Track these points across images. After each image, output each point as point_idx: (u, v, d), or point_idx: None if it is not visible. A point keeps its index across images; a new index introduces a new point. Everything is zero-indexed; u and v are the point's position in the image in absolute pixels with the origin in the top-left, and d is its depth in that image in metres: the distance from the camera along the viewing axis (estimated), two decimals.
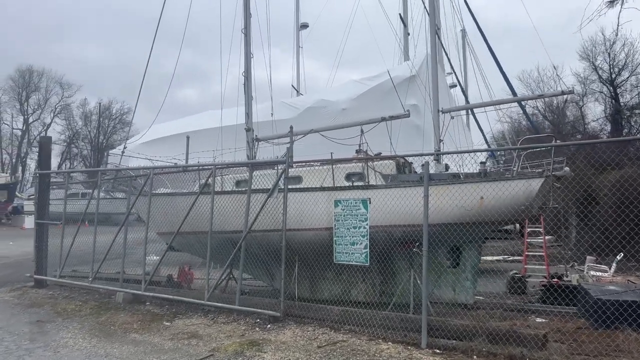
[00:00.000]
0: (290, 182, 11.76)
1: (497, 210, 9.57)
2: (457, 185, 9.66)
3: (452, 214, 9.78)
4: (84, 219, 13.29)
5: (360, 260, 8.71)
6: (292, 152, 9.31)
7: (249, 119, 12.91)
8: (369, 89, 18.64)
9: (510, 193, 9.26)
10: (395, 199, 9.63)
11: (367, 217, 8.69)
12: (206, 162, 10.87)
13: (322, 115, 17.40)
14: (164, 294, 10.99)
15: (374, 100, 17.13)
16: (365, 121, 12.48)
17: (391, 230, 10.33)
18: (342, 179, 11.10)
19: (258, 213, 9.52)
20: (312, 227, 10.64)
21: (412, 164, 12.07)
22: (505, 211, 9.43)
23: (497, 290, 13.25)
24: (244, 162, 9.93)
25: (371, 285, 11.51)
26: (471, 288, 10.89)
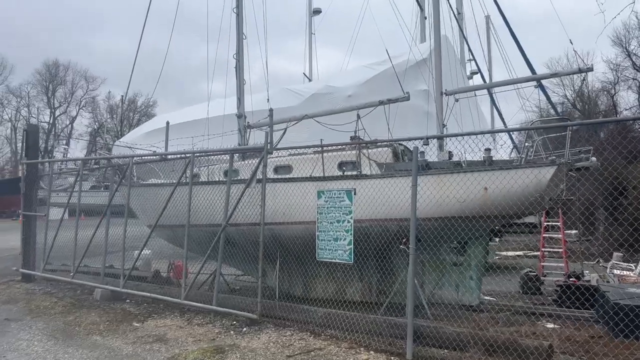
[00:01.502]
0: (279, 171, 10.96)
1: (502, 202, 8.51)
2: (458, 175, 8.65)
3: (452, 206, 8.79)
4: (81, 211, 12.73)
5: (343, 257, 7.81)
6: (272, 137, 8.43)
7: (241, 105, 12.09)
8: (378, 74, 17.55)
9: (518, 183, 8.20)
10: (390, 189, 8.69)
11: (351, 209, 7.78)
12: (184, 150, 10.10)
13: (328, 102, 16.41)
14: (142, 291, 10.31)
15: (383, 85, 16.09)
16: (361, 105, 11.49)
17: (386, 224, 9.40)
18: (334, 168, 10.19)
19: (236, 205, 8.70)
20: (301, 221, 9.79)
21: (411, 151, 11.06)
22: (512, 204, 8.37)
23: (510, 290, 12.18)
24: (223, 149, 9.11)
25: (368, 284, 10.60)
26: (476, 288, 9.88)
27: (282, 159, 10.84)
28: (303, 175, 10.03)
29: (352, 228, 7.76)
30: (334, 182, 9.40)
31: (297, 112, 13.64)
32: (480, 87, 10.88)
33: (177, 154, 9.95)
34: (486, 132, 8.80)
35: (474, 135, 7.07)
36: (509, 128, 10.13)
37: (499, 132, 10.52)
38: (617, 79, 39.06)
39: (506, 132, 11.40)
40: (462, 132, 7.45)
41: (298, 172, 10.28)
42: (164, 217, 10.94)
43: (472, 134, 6.76)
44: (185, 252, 9.52)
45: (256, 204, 9.03)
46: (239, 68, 12.20)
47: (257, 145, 8.77)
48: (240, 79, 12.18)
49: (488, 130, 7.95)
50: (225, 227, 8.84)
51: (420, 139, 6.87)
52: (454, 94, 11.34)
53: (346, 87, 17.52)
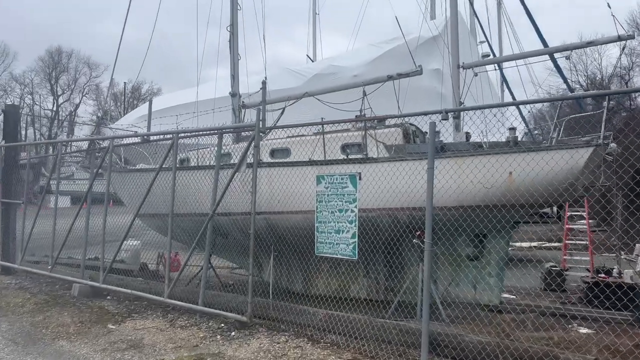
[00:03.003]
0: (276, 154, 9.88)
1: (530, 189, 7.39)
2: (479, 157, 7.53)
3: (472, 193, 7.68)
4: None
5: (346, 253, 6.73)
6: (265, 114, 7.33)
7: (235, 82, 10.98)
8: (385, 52, 16.35)
9: (549, 167, 7.07)
10: (400, 174, 7.61)
11: (355, 197, 6.69)
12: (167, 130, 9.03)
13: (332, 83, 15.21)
14: (125, 286, 9.30)
15: (391, 64, 14.84)
16: (368, 81, 10.38)
17: (396, 214, 8.32)
18: (337, 151, 9.09)
19: (224, 191, 7.64)
20: (301, 210, 8.72)
21: (425, 133, 9.93)
22: (542, 191, 7.26)
23: (531, 286, 11.09)
24: (209, 127, 8.04)
25: (374, 280, 9.55)
26: (496, 286, 8.80)
27: (278, 141, 9.75)
28: (302, 159, 8.95)
29: (356, 219, 6.67)
30: (337, 167, 8.33)
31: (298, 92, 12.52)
32: (504, 59, 9.69)
33: (159, 134, 8.90)
34: (519, 103, 7.60)
35: (503, 107, 5.93)
36: (542, 99, 8.95)
37: (533, 103, 9.33)
38: (631, 65, 37.48)
39: (541, 102, 10.17)
40: (490, 104, 6.29)
41: (297, 156, 9.20)
42: (152, 205, 9.94)
43: (503, 105, 5.61)
44: (168, 243, 8.50)
45: (250, 190, 7.97)
46: (232, 41, 11.08)
47: (248, 123, 7.68)
48: (234, 53, 11.06)
49: (522, 101, 6.77)
50: (213, 216, 7.78)
51: (438, 113, 5.73)
52: (473, 67, 10.17)
53: (352, 67, 16.33)
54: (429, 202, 5.69)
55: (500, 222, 7.99)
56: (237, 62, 11.02)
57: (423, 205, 7.83)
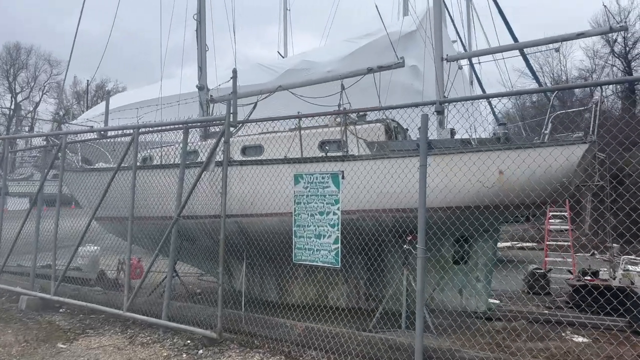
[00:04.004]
0: (248, 152, 9.15)
1: (522, 188, 6.91)
2: (467, 155, 7.00)
3: (459, 194, 7.14)
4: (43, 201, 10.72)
5: (328, 260, 6.07)
6: (236, 107, 6.60)
7: (202, 74, 10.19)
8: (360, 48, 15.78)
9: (541, 165, 6.59)
10: (384, 173, 7.02)
11: (338, 198, 6.03)
12: (126, 124, 8.18)
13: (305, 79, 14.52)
14: (79, 298, 8.40)
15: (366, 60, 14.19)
16: (347, 74, 9.75)
17: (379, 216, 7.72)
18: (314, 149, 8.42)
19: (190, 193, 6.87)
20: (276, 212, 8.03)
21: (407, 130, 9.38)
22: (534, 190, 6.77)
23: (513, 288, 10.69)
24: (173, 121, 7.26)
25: (355, 287, 8.93)
26: (484, 291, 8.30)
27: (251, 137, 9.03)
28: (276, 157, 8.25)
29: (339, 222, 6.02)
30: (315, 165, 7.67)
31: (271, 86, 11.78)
32: (494, 51, 9.23)
33: (118, 129, 8.04)
34: (526, 92, 7.07)
35: (505, 97, 5.37)
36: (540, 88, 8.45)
37: (531, 93, 8.83)
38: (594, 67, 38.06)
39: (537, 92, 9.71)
40: (487, 94, 5.72)
41: (271, 153, 8.49)
42: (111, 208, 9.07)
43: (501, 95, 5.04)
44: (128, 249, 7.65)
45: (219, 191, 7.22)
46: (200, 30, 10.28)
47: (217, 117, 6.93)
48: (202, 43, 10.26)
49: (530, 90, 6.25)
50: (178, 219, 6.99)
51: (431, 104, 5.13)
52: (458, 60, 9.67)
53: (325, 62, 15.69)
54: (421, 203, 5.09)
55: (489, 223, 7.51)
56: (204, 53, 10.24)
57: (408, 206, 7.29)
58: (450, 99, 5.54)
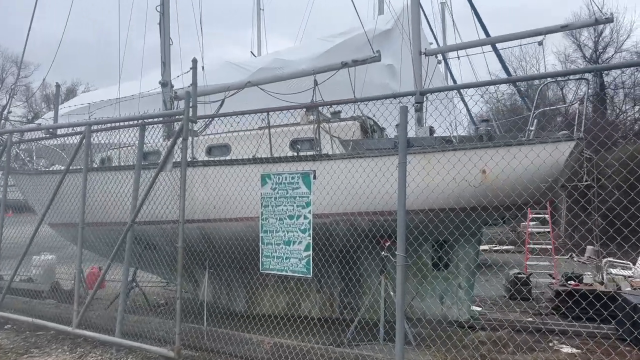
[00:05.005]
0: (214, 152, 8.53)
1: (506, 188, 6.46)
2: (448, 153, 6.51)
3: (441, 195, 6.64)
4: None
5: (298, 269, 5.48)
6: (196, 100, 5.98)
7: (166, 70, 9.52)
8: (335, 46, 15.28)
9: (527, 163, 6.16)
10: (360, 173, 6.49)
11: (309, 200, 5.45)
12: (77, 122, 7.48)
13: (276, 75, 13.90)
14: (27, 312, 7.63)
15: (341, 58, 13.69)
16: (320, 68, 9.22)
17: (354, 219, 7.18)
18: (286, 148, 7.84)
19: (144, 196, 6.20)
20: (242, 217, 7.42)
21: (384, 129, 8.89)
22: (519, 190, 6.33)
23: (492, 294, 10.27)
24: (128, 117, 6.60)
25: (328, 296, 8.36)
26: (466, 299, 7.82)
27: (216, 136, 8.40)
28: (244, 157, 7.64)
29: (310, 227, 5.44)
30: (286, 166, 7.08)
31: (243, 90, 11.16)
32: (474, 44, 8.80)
33: (69, 126, 7.33)
34: (514, 80, 6.60)
35: (493, 85, 4.87)
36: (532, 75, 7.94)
37: (530, 80, 8.40)
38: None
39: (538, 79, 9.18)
40: (482, 82, 5.24)
41: (238, 153, 7.88)
42: (66, 213, 8.33)
43: (494, 83, 4.52)
44: (78, 258, 6.92)
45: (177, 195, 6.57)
46: (162, 22, 9.60)
47: (175, 111, 6.30)
48: (165, 37, 9.59)
49: (518, 77, 5.77)
50: (132, 225, 6.31)
51: (410, 95, 4.61)
52: (436, 55, 9.22)
53: (300, 61, 15.13)
54: (401, 204, 4.55)
55: (472, 226, 7.03)
56: (168, 47, 9.56)
57: (386, 209, 6.78)
58: (431, 89, 5.04)
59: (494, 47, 10.44)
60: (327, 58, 15.03)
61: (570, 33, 35.84)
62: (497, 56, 10.85)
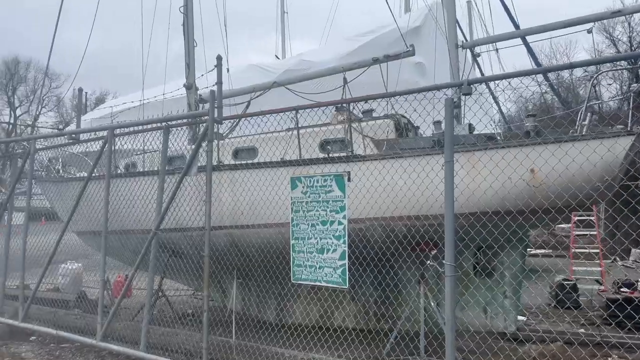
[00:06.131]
0: (240, 155, 8.18)
1: (558, 189, 5.90)
2: (494, 152, 5.99)
3: (482, 197, 6.13)
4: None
5: (333, 279, 5.05)
6: (221, 99, 5.62)
7: (190, 72, 9.25)
8: (362, 45, 14.78)
9: (581, 161, 5.61)
10: (396, 175, 6.03)
11: (344, 205, 5.03)
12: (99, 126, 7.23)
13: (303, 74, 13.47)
14: (53, 323, 7.42)
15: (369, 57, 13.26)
16: (350, 65, 8.81)
17: (391, 224, 6.72)
18: (315, 149, 7.44)
19: (169, 202, 5.88)
20: (272, 223, 7.04)
21: (418, 127, 8.39)
22: (573, 190, 5.76)
23: (537, 302, 9.62)
24: (151, 119, 6.31)
25: (364, 306, 7.91)
26: (513, 309, 7.26)
27: (243, 139, 8.06)
28: (272, 159, 7.27)
29: (345, 233, 5.01)
30: (316, 168, 6.67)
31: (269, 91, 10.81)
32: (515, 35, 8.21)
33: (90, 131, 7.10)
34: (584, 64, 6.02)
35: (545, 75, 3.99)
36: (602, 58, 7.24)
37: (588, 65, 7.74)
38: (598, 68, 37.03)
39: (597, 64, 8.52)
40: (538, 68, 4.71)
41: (265, 156, 7.51)
42: (91, 221, 8.12)
43: (559, 68, 3.75)
44: (101, 269, 6.65)
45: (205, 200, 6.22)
46: (186, 24, 9.35)
47: (199, 112, 5.97)
48: (189, 38, 9.32)
49: (586, 61, 5.22)
50: (156, 233, 6.00)
51: (456, 87, 4.14)
52: (473, 47, 8.70)
53: (325, 61, 14.66)
54: (448, 207, 4.09)
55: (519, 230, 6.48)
56: (192, 49, 9.30)
57: (428, 212, 6.29)
58: (480, 78, 4.55)
59: (524, 40, 9.76)
60: (353, 57, 14.57)
61: (603, 28, 34.53)
62: (528, 51, 10.17)
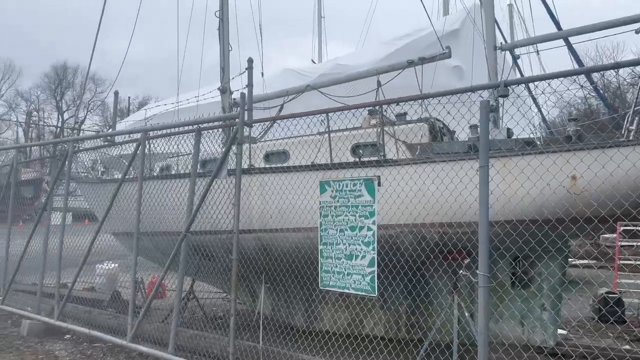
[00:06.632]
0: (271, 159, 8.15)
1: (601, 196, 5.59)
2: (532, 157, 5.74)
3: (523, 204, 5.88)
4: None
5: (362, 287, 4.92)
6: (251, 101, 5.59)
7: (225, 75, 9.31)
8: (398, 49, 14.55)
9: (627, 168, 5.29)
10: (429, 180, 5.85)
11: (374, 210, 4.90)
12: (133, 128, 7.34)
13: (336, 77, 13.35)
14: (88, 322, 7.55)
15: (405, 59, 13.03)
16: (384, 68, 8.67)
17: (423, 231, 6.53)
18: (347, 153, 7.33)
19: (199, 204, 5.89)
20: (301, 227, 6.96)
21: (454, 132, 8.17)
22: (618, 198, 5.44)
23: (577, 314, 9.19)
24: (183, 122, 6.35)
25: (394, 315, 7.73)
26: (552, 323, 6.94)
27: (274, 142, 8.03)
28: (303, 163, 7.20)
29: (375, 239, 4.88)
30: (347, 173, 6.56)
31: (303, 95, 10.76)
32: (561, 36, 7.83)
33: (124, 133, 7.22)
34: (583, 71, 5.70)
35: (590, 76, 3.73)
36: None
37: None
38: None
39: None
40: (583, 68, 4.46)
41: (296, 160, 7.45)
42: (126, 222, 8.25)
43: (604, 68, 3.48)
44: (132, 270, 6.73)
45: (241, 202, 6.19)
46: (222, 28, 9.42)
47: (229, 114, 5.96)
48: (224, 42, 9.39)
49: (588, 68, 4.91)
50: (186, 235, 6.02)
51: (492, 88, 3.96)
52: (512, 49, 8.42)
53: (361, 66, 14.52)
54: (483, 216, 3.90)
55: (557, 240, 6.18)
56: (227, 52, 9.35)
57: (458, 220, 6.09)
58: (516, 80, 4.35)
59: (566, 42, 9.31)
60: (389, 61, 14.40)
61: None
62: (570, 52, 9.69)
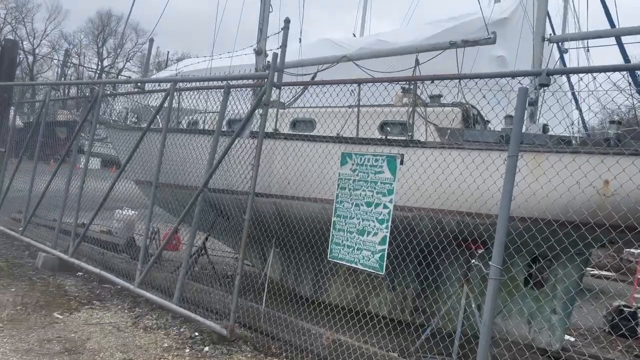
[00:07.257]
0: (298, 126, 8.06)
1: (632, 202, 5.36)
2: (566, 156, 5.51)
3: (547, 201, 5.69)
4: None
5: (370, 264, 4.85)
6: (283, 63, 5.47)
7: (262, 37, 9.16)
8: (442, 31, 14.05)
9: None
10: (454, 166, 5.69)
11: (392, 188, 4.79)
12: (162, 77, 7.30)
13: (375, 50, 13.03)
14: (98, 264, 7.71)
15: None
16: (423, 47, 8.42)
17: (442, 218, 6.40)
18: (374, 129, 7.18)
19: (218, 162, 5.87)
20: (319, 198, 6.89)
21: (489, 122, 7.92)
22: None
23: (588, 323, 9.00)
24: (212, 76, 6.28)
25: (401, 296, 7.67)
26: (560, 326, 6.78)
27: (302, 110, 7.92)
28: (329, 134, 7.09)
29: (390, 217, 4.78)
30: (371, 149, 6.43)
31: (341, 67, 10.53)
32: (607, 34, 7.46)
33: (154, 81, 7.19)
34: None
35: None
36: None
37: None
38: None
39: None
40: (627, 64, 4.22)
41: (323, 130, 7.34)
42: (148, 171, 8.32)
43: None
44: (147, 218, 6.80)
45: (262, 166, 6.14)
46: None
47: (259, 73, 5.86)
48: (265, 1, 9.21)
49: None
50: (203, 191, 6.02)
51: (533, 75, 3.76)
52: (561, 42, 8.06)
53: (402, 43, 14.20)
54: (504, 207, 3.77)
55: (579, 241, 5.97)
56: (267, 12, 9.18)
57: (481, 211, 5.93)
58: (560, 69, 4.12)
59: (617, 40, 8.82)
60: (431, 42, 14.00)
61: None
62: (620, 51, 9.15)
